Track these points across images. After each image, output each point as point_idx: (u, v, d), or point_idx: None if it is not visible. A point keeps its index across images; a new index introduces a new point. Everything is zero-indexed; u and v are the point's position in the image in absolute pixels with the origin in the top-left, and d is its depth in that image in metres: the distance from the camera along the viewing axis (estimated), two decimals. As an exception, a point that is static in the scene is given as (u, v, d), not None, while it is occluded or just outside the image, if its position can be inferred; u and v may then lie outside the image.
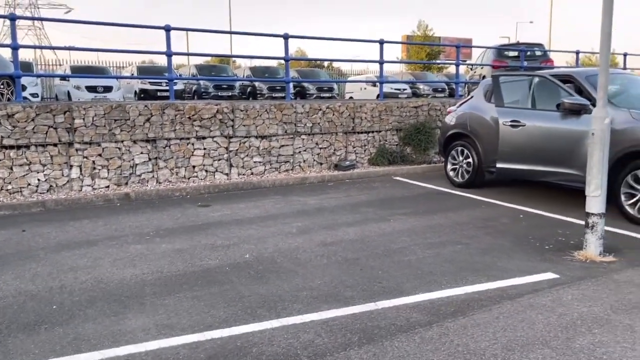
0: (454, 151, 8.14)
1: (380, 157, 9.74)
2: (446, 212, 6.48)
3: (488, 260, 4.66)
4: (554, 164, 6.36)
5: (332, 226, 5.86)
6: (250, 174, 8.60)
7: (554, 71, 7.26)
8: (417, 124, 10.08)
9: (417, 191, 7.94)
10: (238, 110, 8.40)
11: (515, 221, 6.05)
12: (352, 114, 9.60)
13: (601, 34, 4.63)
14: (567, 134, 6.23)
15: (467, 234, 5.49)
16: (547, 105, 6.56)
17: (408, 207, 6.82)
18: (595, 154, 4.64)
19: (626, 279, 4.12)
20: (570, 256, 4.72)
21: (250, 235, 5.52)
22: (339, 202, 7.22)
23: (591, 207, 4.71)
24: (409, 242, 5.23)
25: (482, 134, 7.54)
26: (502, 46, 14.46)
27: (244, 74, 20.96)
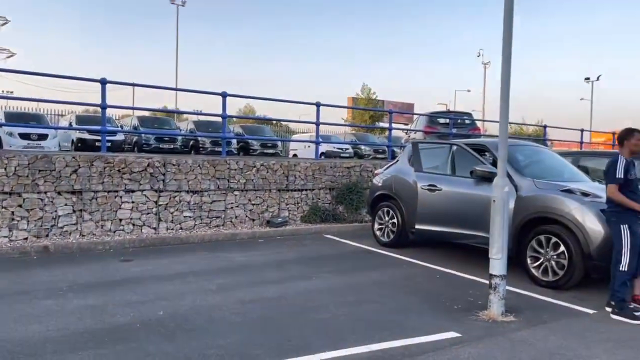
0: (380, 211, 8.45)
1: (313, 215, 9.94)
2: (368, 271, 6.67)
3: (399, 318, 4.83)
4: (468, 227, 6.75)
5: (254, 284, 5.90)
6: (180, 228, 8.56)
7: (469, 140, 7.82)
8: (349, 183, 10.42)
9: (345, 249, 8.13)
10: (170, 164, 8.45)
11: (432, 281, 6.30)
12: (286, 172, 9.83)
13: (500, 111, 5.10)
14: (479, 200, 6.64)
15: (384, 293, 5.67)
16: (462, 172, 7.02)
17: (333, 265, 6.97)
18: (496, 219, 5.00)
19: (521, 339, 4.37)
20: (475, 316, 4.96)
21: (168, 291, 5.47)
22: (266, 259, 7.28)
23: (494, 269, 5.02)
24: (326, 300, 5.34)
25: (405, 196, 7.90)
26: (433, 113, 15.33)
27: (188, 127, 21.03)
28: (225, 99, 10.05)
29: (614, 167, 5.05)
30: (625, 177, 4.99)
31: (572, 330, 4.62)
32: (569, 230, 5.84)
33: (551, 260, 5.99)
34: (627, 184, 5.04)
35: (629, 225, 4.99)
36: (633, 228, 5.00)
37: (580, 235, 5.72)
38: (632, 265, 4.98)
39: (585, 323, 4.84)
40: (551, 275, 6.00)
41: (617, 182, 5.00)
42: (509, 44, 5.04)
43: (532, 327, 4.68)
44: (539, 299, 5.59)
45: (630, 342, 4.36)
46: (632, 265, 4.99)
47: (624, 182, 5.01)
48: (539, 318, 4.94)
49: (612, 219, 5.16)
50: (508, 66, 5.06)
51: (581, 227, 5.73)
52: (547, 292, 5.81)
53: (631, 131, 5.19)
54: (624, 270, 4.96)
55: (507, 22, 5.02)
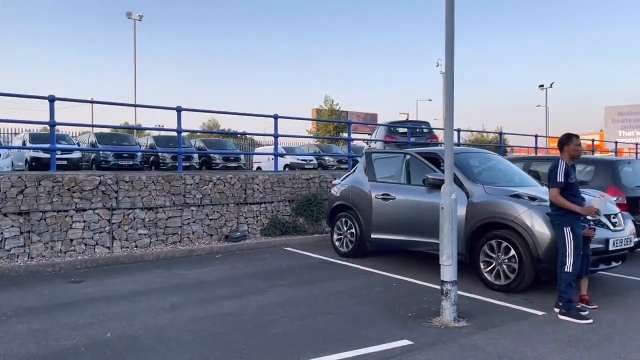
0: (339, 222, 8.47)
1: (273, 228, 9.89)
2: (326, 283, 6.65)
3: (352, 329, 4.82)
4: (422, 235, 6.83)
5: (208, 300, 5.81)
6: (135, 247, 8.37)
7: (421, 149, 7.93)
8: (309, 195, 10.42)
9: (304, 262, 8.09)
10: (122, 181, 8.28)
11: (388, 289, 6.33)
12: (244, 185, 9.76)
13: (445, 120, 5.20)
14: (432, 207, 6.71)
15: (340, 304, 5.66)
16: (415, 181, 7.11)
17: (291, 278, 6.93)
18: (445, 225, 5.08)
19: (471, 343, 4.42)
20: (428, 323, 5.00)
21: (118, 312, 5.32)
22: (223, 274, 7.18)
23: (445, 276, 5.08)
24: (281, 314, 5.29)
25: (362, 206, 7.95)
26: (392, 123, 15.52)
27: (148, 143, 20.68)
28: (180, 114, 9.95)
29: (554, 171, 5.21)
30: (565, 180, 5.15)
31: (521, 332, 4.71)
32: (518, 234, 5.98)
33: (503, 264, 6.11)
34: (569, 188, 5.19)
35: (571, 228, 5.13)
36: (575, 230, 5.15)
37: (529, 238, 5.86)
38: (576, 266, 5.13)
39: (534, 325, 4.94)
40: (503, 279, 6.11)
41: (558, 186, 5.15)
42: (451, 52, 5.15)
43: (482, 331, 4.75)
44: (491, 303, 5.68)
45: (575, 341, 4.47)
46: (577, 266, 5.14)
47: (565, 186, 5.16)
48: (490, 322, 5.01)
49: (555, 222, 5.31)
50: (451, 75, 5.18)
51: (529, 231, 5.87)
52: (500, 296, 5.92)
53: (570, 136, 5.36)
54: (568, 271, 5.10)
55: (449, 30, 5.13)
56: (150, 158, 19.21)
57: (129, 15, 34.83)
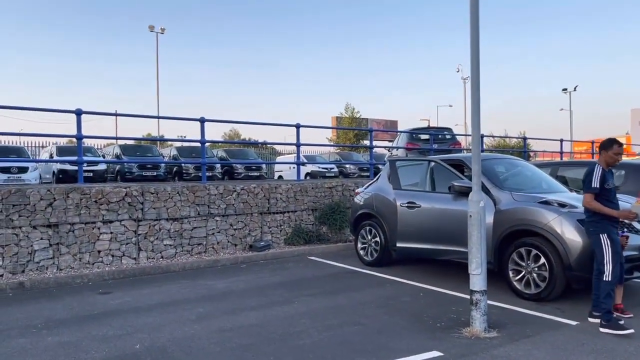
0: (363, 230, 8.41)
1: (296, 237, 9.87)
2: (352, 292, 6.60)
3: (381, 340, 4.76)
4: (449, 243, 6.73)
5: (235, 311, 5.80)
6: (160, 257, 8.43)
7: (446, 156, 7.84)
8: (332, 203, 10.39)
9: (328, 271, 8.05)
10: (148, 193, 8.36)
11: (415, 299, 6.24)
12: (267, 194, 9.78)
13: (472, 125, 5.13)
14: (459, 215, 6.64)
15: (366, 314, 5.60)
16: (440, 188, 7.03)
17: (316, 287, 6.89)
18: (474, 234, 4.99)
19: (503, 354, 4.32)
20: (458, 333, 4.91)
21: (146, 323, 5.35)
22: (248, 285, 7.18)
23: (474, 285, 4.99)
24: (308, 324, 5.26)
25: (386, 215, 7.88)
26: (414, 130, 15.42)
27: (171, 154, 20.93)
28: (204, 125, 10.03)
29: (589, 176, 5.05)
30: (601, 186, 4.99)
31: (555, 343, 4.58)
32: (548, 241, 5.85)
33: (532, 272, 5.98)
34: (604, 193, 5.03)
35: (607, 234, 4.97)
36: (612, 236, 4.98)
37: (560, 246, 5.72)
38: (615, 274, 4.94)
39: (568, 335, 4.81)
40: (533, 288, 5.98)
41: (592, 192, 5.00)
42: (477, 59, 5.08)
43: (514, 342, 4.64)
44: (522, 313, 5.56)
45: (611, 352, 4.34)
46: (616, 274, 4.95)
47: (600, 192, 5.00)
48: (522, 332, 4.90)
49: (590, 229, 5.15)
50: (477, 80, 5.10)
51: (560, 239, 5.73)
52: (530, 305, 5.79)
53: (611, 142, 5.15)
54: (607, 280, 4.92)
55: (474, 36, 5.07)
56: (174, 169, 19.40)
57: (152, 29, 35.43)
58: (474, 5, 5.02)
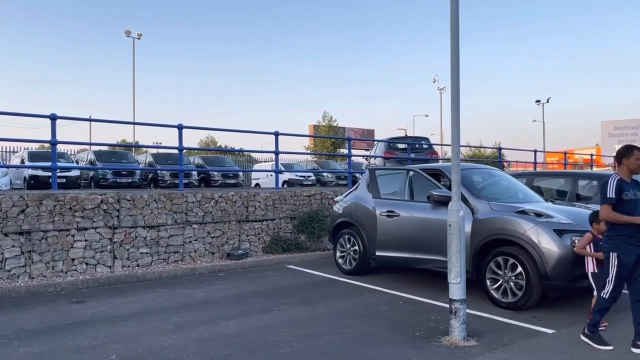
0: (342, 239, 8.41)
1: (275, 246, 9.82)
2: (331, 301, 6.58)
3: (360, 350, 4.75)
4: (428, 252, 6.78)
5: (213, 320, 5.73)
6: (136, 266, 8.29)
7: (425, 166, 7.92)
8: (310, 212, 10.37)
9: (307, 280, 8.02)
10: (124, 200, 8.22)
11: (394, 308, 6.25)
12: (246, 202, 9.71)
13: (452, 135, 5.18)
14: (437, 224, 6.70)
15: (346, 323, 5.59)
16: (419, 197, 7.08)
17: (295, 296, 6.86)
18: (453, 243, 5.03)
19: (483, 363, 4.35)
20: (437, 342, 4.93)
21: (122, 333, 5.24)
22: (226, 293, 7.10)
23: (453, 294, 5.02)
24: (287, 334, 5.22)
25: (365, 223, 7.91)
26: (391, 139, 15.54)
27: (147, 160, 20.64)
28: (182, 131, 9.93)
29: (604, 187, 4.78)
30: (618, 196, 4.68)
31: (532, 351, 4.64)
32: (525, 251, 5.94)
33: (510, 281, 6.06)
34: (622, 205, 4.69)
35: (618, 254, 4.70)
36: (622, 257, 4.68)
37: (536, 255, 5.81)
38: (613, 296, 4.76)
39: (545, 343, 4.87)
40: (510, 297, 6.05)
41: (608, 202, 4.71)
42: (457, 72, 5.15)
43: (492, 350, 4.68)
44: (499, 321, 5.61)
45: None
46: (614, 296, 4.77)
47: (617, 202, 4.68)
48: (499, 341, 4.95)
49: (604, 245, 4.90)
50: (457, 91, 5.17)
51: (536, 248, 5.82)
52: (507, 314, 5.86)
53: (630, 149, 4.84)
54: (604, 297, 4.79)
55: (454, 49, 5.14)
56: (149, 176, 19.14)
57: (128, 34, 35.02)
58: (454, 20, 5.10)
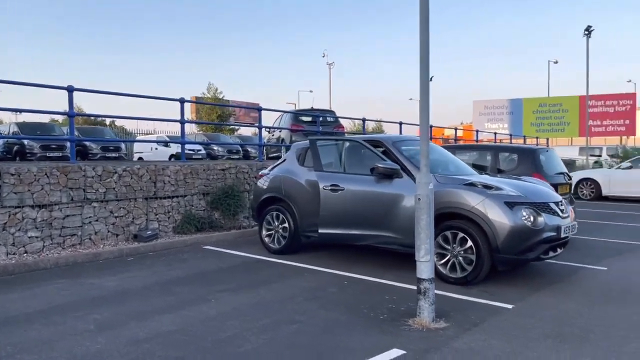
0: (269, 216, 7.76)
1: (187, 225, 8.87)
2: (272, 285, 5.96)
3: (330, 340, 4.23)
4: (373, 228, 6.40)
5: (143, 315, 4.84)
6: (24, 252, 6.93)
7: (364, 136, 7.49)
8: (225, 187, 9.53)
9: (232, 261, 7.28)
10: (7, 174, 6.79)
11: (343, 289, 5.80)
12: (154, 177, 8.62)
13: (420, 106, 4.77)
14: (382, 198, 6.34)
15: (299, 310, 5.02)
16: (362, 169, 6.66)
17: (227, 281, 6.13)
18: (422, 218, 4.67)
19: (465, 347, 4.06)
20: (406, 325, 4.57)
21: (30, 339, 4.18)
22: (146, 281, 6.15)
23: (422, 273, 4.68)
24: (239, 327, 4.53)
25: (297, 198, 7.34)
26: (298, 111, 15.00)
27: (10, 130, 17.97)
28: (72, 94, 8.46)
29: None
30: None
31: (505, 330, 4.45)
32: (475, 224, 5.78)
33: (458, 256, 5.89)
34: None
35: None
36: None
37: (487, 228, 5.68)
38: None
39: (512, 320, 4.71)
40: (459, 272, 5.89)
41: None
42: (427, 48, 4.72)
43: (466, 331, 4.42)
44: (454, 298, 5.40)
45: (562, 336, 4.31)
46: None
47: None
48: (467, 320, 4.71)
49: None
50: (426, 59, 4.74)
51: (487, 221, 5.69)
52: (458, 289, 5.67)
53: None
54: None
55: (424, 29, 4.70)
56: (14, 148, 16.71)
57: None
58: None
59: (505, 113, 41.23)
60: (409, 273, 6.34)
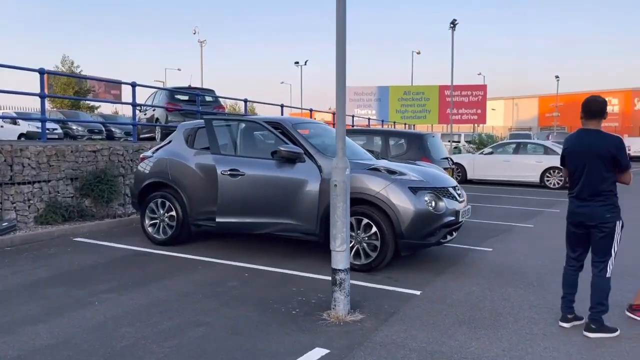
0: (152, 203, 7.00)
1: (52, 214, 7.72)
2: (163, 281, 5.33)
3: (243, 342, 3.81)
4: (274, 215, 6.03)
5: (9, 326, 4.00)
6: None
7: (264, 117, 7.01)
8: (97, 171, 8.48)
9: (112, 255, 6.45)
10: None
11: (245, 283, 5.36)
12: (9, 159, 7.34)
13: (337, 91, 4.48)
14: (285, 183, 6.00)
15: (201, 309, 4.51)
16: (263, 153, 6.23)
17: (110, 279, 5.37)
18: (339, 206, 4.41)
19: (388, 340, 3.89)
20: (322, 320, 4.30)
21: None
22: (7, 283, 5.17)
23: (338, 263, 4.44)
24: (136, 334, 3.92)
25: (187, 184, 6.70)
26: (175, 89, 13.96)
27: None
28: None
29: (622, 151, 3.98)
30: None
31: (422, 318, 4.38)
32: (380, 210, 5.69)
33: (363, 242, 5.76)
34: None
35: (622, 222, 4.11)
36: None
37: (392, 214, 5.62)
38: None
39: (425, 307, 4.66)
40: (363, 258, 5.77)
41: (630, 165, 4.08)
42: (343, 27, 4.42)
43: (384, 322, 4.27)
44: (361, 286, 5.22)
45: (476, 322, 4.35)
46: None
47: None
48: (382, 310, 4.57)
49: (607, 215, 4.03)
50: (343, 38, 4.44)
51: (392, 206, 5.62)
52: (361, 276, 5.51)
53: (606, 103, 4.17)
54: (610, 276, 4.09)
55: None
56: None
57: None
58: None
59: (374, 100, 42.90)
60: (314, 262, 6.14)
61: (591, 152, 4.01)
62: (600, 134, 4.03)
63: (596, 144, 4.00)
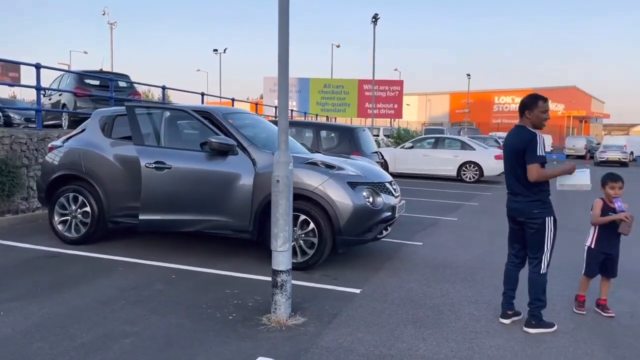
0: (63, 198, 6.30)
1: (-60, 210, 6.76)
2: (78, 286, 4.77)
3: (179, 355, 3.44)
4: (204, 212, 5.61)
5: None
6: None
7: (192, 106, 6.50)
8: (-5, 161, 7.54)
9: (15, 257, 5.72)
10: None
11: (172, 285, 4.93)
12: None
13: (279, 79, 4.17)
14: (215, 177, 5.59)
15: (126, 317, 4.05)
16: (190, 144, 5.78)
17: (15, 285, 4.74)
18: (281, 203, 4.11)
19: (335, 345, 3.67)
20: (262, 325, 4.01)
21: None
22: None
23: (279, 264, 4.15)
24: (51, 350, 3.42)
25: (103, 177, 6.09)
26: (85, 72, 12.84)
27: None
28: None
29: (532, 144, 3.91)
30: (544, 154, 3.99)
31: (366, 319, 4.21)
32: (318, 206, 5.46)
33: (299, 239, 5.51)
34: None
35: (554, 217, 4.06)
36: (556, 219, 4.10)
37: (331, 210, 5.41)
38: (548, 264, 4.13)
39: (368, 307, 4.50)
40: (300, 256, 5.52)
41: (540, 161, 3.90)
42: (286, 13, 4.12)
43: (328, 325, 4.05)
44: (298, 285, 4.95)
45: (421, 320, 4.25)
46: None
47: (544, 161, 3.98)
48: (324, 311, 4.36)
49: (534, 211, 4.02)
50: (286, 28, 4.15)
51: (331, 202, 5.41)
52: (300, 276, 5.27)
53: (535, 99, 4.06)
54: (545, 272, 4.09)
55: None
56: None
57: None
58: None
59: (294, 91, 42.59)
60: (248, 261, 5.82)
61: (511, 147, 4.12)
62: (518, 129, 4.12)
63: (514, 140, 4.10)
